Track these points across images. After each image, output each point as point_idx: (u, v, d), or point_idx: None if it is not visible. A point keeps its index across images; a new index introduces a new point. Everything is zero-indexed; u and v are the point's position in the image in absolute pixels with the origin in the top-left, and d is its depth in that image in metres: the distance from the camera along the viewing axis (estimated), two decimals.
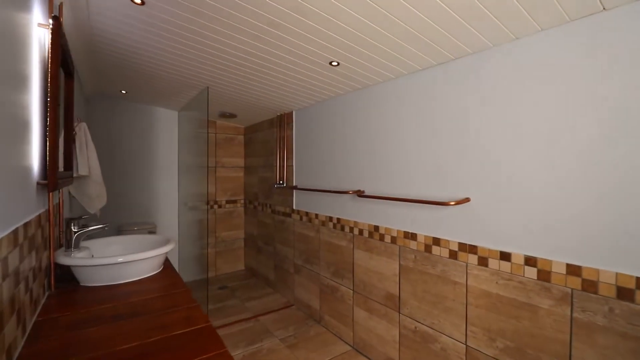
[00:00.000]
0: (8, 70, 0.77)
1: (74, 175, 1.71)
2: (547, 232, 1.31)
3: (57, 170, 1.04)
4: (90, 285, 1.18)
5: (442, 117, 1.72)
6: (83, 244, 1.38)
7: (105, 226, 1.33)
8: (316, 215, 2.68)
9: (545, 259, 1.32)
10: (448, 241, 1.69)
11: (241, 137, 3.94)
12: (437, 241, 1.74)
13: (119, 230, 3.13)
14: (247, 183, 3.92)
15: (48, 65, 1.02)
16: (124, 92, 2.87)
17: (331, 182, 2.52)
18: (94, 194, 1.82)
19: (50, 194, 1.12)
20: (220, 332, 2.50)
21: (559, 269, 1.28)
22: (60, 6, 1.32)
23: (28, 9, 0.94)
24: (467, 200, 1.59)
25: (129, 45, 1.85)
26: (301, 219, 2.89)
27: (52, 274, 1.13)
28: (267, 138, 3.42)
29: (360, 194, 2.18)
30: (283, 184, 3.09)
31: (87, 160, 1.77)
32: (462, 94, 1.63)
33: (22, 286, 0.81)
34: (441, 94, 1.72)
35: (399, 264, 1.96)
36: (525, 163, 1.38)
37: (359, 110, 2.25)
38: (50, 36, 1.00)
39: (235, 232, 3.95)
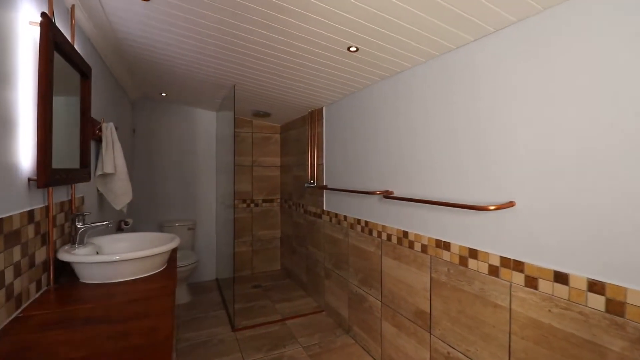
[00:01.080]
0: None
1: (99, 173, 1.79)
2: (622, 250, 0.98)
3: (48, 167, 1.04)
4: (88, 282, 1.18)
5: (481, 102, 1.43)
6: (94, 240, 1.41)
7: (108, 223, 1.34)
8: (345, 217, 2.51)
9: (617, 286, 0.98)
10: (487, 254, 1.39)
11: (277, 136, 3.92)
12: (474, 253, 1.45)
13: (160, 227, 3.31)
14: (283, 182, 3.89)
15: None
16: (163, 94, 3.02)
17: (360, 181, 2.32)
18: (119, 191, 1.89)
19: (50, 189, 1.14)
20: (245, 334, 2.47)
21: (638, 300, 0.94)
22: (72, 8, 1.36)
23: (15, 8, 0.95)
24: (511, 204, 1.29)
25: (152, 46, 1.89)
26: (331, 220, 2.73)
27: (52, 269, 1.15)
28: (300, 136, 3.33)
29: (388, 194, 1.95)
30: (314, 183, 2.97)
31: (113, 159, 1.84)
32: (507, 72, 1.33)
33: None
34: (480, 75, 1.43)
35: (430, 277, 1.70)
36: (590, 154, 1.05)
37: (387, 101, 2.02)
38: (39, 34, 1.00)
39: (271, 231, 3.95)
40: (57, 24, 1.23)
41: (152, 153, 3.33)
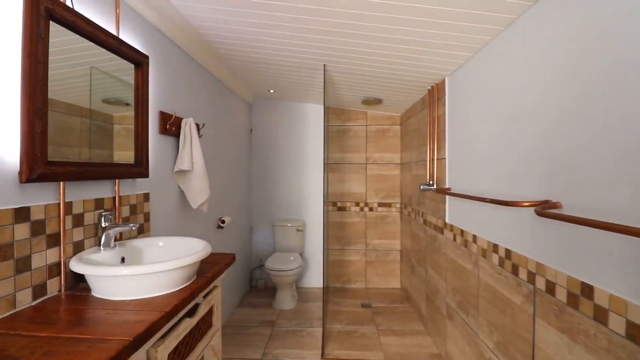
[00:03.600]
0: None
1: (176, 169, 1.73)
2: None
3: (38, 159, 0.90)
4: (95, 295, 1.01)
5: None
6: (134, 242, 1.28)
7: (133, 225, 1.16)
8: (474, 237, 1.66)
9: None
10: None
11: (396, 128, 3.25)
12: None
13: (272, 226, 3.28)
14: (402, 183, 3.20)
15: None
16: (271, 91, 2.93)
17: (497, 183, 1.45)
18: (196, 188, 1.79)
19: (62, 184, 1.03)
20: None
21: None
22: None
23: None
24: None
25: (229, 29, 1.69)
26: (454, 239, 1.91)
27: (63, 274, 1.04)
28: (420, 124, 2.58)
29: (548, 208, 1.06)
30: (432, 185, 2.19)
31: (191, 155, 1.76)
32: None
33: None
34: None
35: None
36: None
37: (548, 40, 1.11)
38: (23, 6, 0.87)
39: (389, 241, 3.32)
40: (99, 14, 1.14)
41: (267, 152, 3.34)
